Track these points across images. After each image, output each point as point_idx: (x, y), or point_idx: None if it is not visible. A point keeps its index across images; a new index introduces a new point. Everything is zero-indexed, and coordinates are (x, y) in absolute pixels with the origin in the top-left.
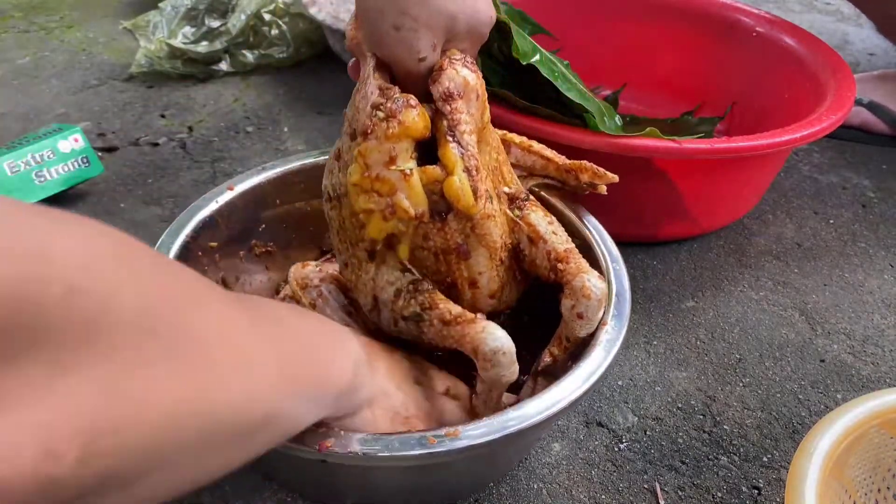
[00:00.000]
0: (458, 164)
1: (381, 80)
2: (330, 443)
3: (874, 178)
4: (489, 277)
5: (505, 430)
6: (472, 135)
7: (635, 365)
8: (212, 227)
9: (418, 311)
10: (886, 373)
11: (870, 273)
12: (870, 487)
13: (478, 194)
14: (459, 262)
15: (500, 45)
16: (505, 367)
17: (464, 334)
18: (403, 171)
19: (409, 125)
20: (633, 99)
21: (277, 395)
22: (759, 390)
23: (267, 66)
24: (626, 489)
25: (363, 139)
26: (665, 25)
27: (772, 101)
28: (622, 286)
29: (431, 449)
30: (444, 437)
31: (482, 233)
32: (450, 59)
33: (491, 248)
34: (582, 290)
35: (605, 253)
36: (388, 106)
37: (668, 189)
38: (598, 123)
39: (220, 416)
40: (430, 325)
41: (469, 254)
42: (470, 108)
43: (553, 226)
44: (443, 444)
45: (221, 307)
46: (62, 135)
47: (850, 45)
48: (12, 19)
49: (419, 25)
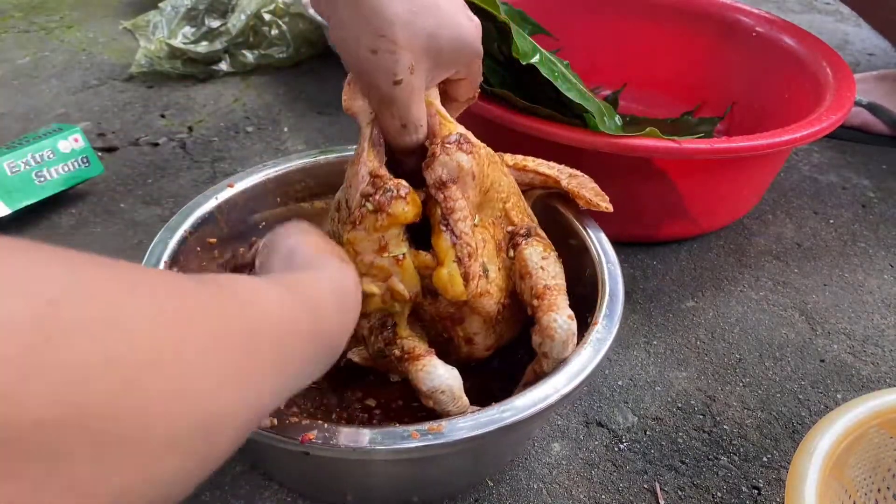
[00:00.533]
0: (448, 255)
1: (375, 160)
2: (312, 435)
3: (874, 178)
4: (485, 335)
5: (491, 426)
6: (467, 220)
7: (635, 365)
8: (211, 223)
9: (381, 346)
10: (886, 373)
11: (870, 273)
12: (870, 487)
13: (468, 278)
14: (454, 325)
15: (500, 45)
16: (446, 403)
17: (408, 371)
18: (396, 257)
19: (399, 216)
20: (633, 99)
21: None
22: (759, 390)
23: (267, 66)
24: (626, 489)
25: (352, 228)
26: (665, 25)
27: (772, 101)
28: (616, 287)
29: (418, 443)
30: (427, 431)
31: (475, 307)
32: (442, 143)
33: (485, 316)
34: (547, 330)
35: (600, 253)
36: (377, 198)
37: (668, 189)
38: (598, 123)
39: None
40: (391, 361)
41: (463, 320)
42: (466, 190)
43: (546, 261)
44: (426, 438)
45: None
46: (62, 135)
47: (850, 45)
48: (12, 19)
49: (397, 47)
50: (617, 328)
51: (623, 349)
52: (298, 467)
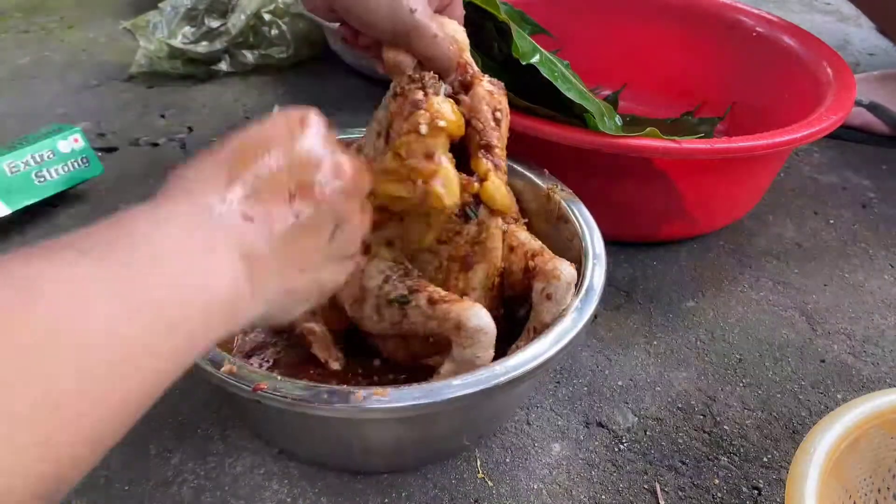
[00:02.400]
0: (490, 173)
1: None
2: (265, 385)
3: (874, 178)
4: (478, 296)
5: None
6: (503, 153)
7: (635, 365)
8: None
9: (405, 293)
10: (886, 373)
11: (870, 273)
12: (870, 487)
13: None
14: (460, 272)
15: (500, 45)
16: (482, 347)
17: (450, 310)
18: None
19: (450, 123)
20: (633, 99)
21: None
22: (759, 390)
23: (267, 66)
24: (626, 489)
25: (404, 134)
26: (665, 25)
27: (772, 101)
28: (594, 282)
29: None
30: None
31: (491, 246)
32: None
33: (491, 264)
34: (552, 272)
35: (590, 246)
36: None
37: (668, 189)
38: (598, 123)
39: None
40: (416, 307)
41: (472, 266)
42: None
43: (534, 239)
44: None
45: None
46: (62, 135)
47: (850, 45)
48: (12, 19)
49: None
50: (585, 321)
51: (623, 349)
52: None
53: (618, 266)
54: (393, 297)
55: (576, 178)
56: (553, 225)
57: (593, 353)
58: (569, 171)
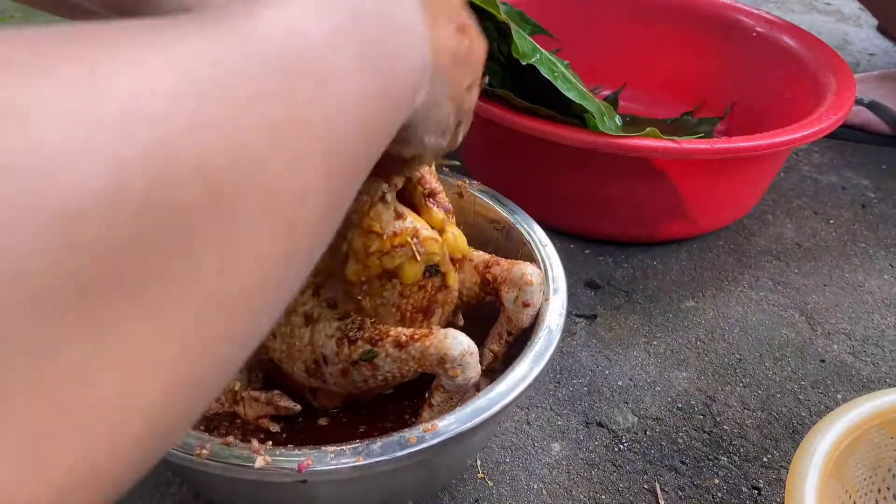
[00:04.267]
0: (445, 223)
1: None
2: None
3: (874, 178)
4: (441, 325)
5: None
6: (445, 196)
7: (635, 365)
8: None
9: (368, 347)
10: (886, 373)
11: (870, 273)
12: (870, 487)
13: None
14: (423, 320)
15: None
16: (472, 368)
17: (427, 347)
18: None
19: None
20: (633, 99)
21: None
22: (759, 390)
23: None
24: (626, 489)
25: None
26: (665, 25)
27: (772, 101)
28: (556, 273)
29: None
30: (423, 434)
31: (452, 286)
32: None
33: (449, 305)
34: (522, 279)
35: (533, 239)
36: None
37: (668, 189)
38: (598, 123)
39: None
40: (385, 357)
41: (435, 311)
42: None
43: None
44: (423, 441)
45: None
46: None
47: (850, 45)
48: (12, 19)
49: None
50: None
51: (623, 349)
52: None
53: (618, 266)
54: (356, 356)
55: (576, 178)
56: (472, 223)
57: (593, 353)
58: (569, 171)
